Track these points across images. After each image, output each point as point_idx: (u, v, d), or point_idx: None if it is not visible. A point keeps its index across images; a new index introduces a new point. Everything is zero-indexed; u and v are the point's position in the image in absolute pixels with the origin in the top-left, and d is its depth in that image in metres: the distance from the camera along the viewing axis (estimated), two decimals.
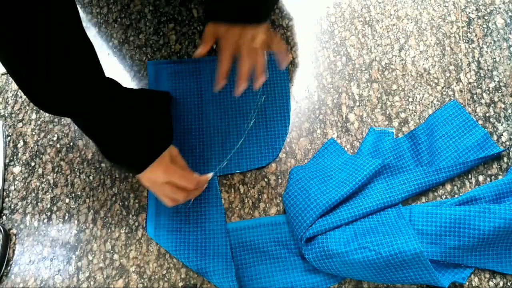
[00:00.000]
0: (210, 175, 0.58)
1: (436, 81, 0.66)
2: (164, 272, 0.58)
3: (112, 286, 0.57)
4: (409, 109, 0.65)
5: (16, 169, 0.63)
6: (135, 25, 0.70)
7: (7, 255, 0.59)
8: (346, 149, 0.63)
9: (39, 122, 0.65)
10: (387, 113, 0.65)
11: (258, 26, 0.54)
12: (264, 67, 0.56)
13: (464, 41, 0.68)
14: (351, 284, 0.57)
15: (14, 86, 0.68)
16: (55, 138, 0.64)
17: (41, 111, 0.66)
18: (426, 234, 0.56)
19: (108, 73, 0.67)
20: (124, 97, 0.50)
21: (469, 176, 0.61)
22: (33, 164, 0.63)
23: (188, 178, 0.54)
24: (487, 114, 0.64)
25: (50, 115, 0.66)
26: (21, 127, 0.65)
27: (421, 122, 0.64)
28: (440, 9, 0.70)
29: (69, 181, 0.62)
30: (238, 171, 0.62)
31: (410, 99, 0.65)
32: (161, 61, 0.67)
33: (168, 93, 0.58)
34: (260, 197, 0.61)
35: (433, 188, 0.61)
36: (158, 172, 0.50)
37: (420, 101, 0.65)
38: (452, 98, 0.65)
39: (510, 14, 0.70)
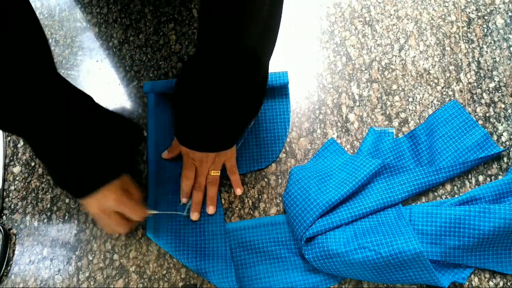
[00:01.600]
0: (154, 211, 0.57)
1: (436, 81, 0.66)
2: (164, 272, 0.58)
3: (112, 286, 0.57)
4: (409, 109, 0.65)
5: (16, 169, 0.63)
6: (135, 25, 0.70)
7: (7, 255, 0.59)
8: (346, 149, 0.63)
9: None
10: (387, 113, 0.65)
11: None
12: (214, 199, 0.59)
13: (464, 41, 0.68)
14: (351, 284, 0.57)
15: None
16: None
17: None
18: (426, 234, 0.56)
19: (107, 74, 0.67)
20: (82, 118, 0.46)
21: (469, 176, 0.61)
22: (33, 164, 0.63)
23: (138, 211, 0.52)
24: (487, 114, 0.64)
25: None
26: None
27: (421, 122, 0.64)
28: (440, 9, 0.70)
29: None
30: None
31: (410, 99, 0.65)
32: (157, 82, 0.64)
33: (140, 127, 0.54)
34: (260, 197, 0.61)
35: (433, 188, 0.61)
36: (110, 200, 0.48)
37: (420, 101, 0.65)
38: (452, 98, 0.65)
39: (510, 14, 0.70)
